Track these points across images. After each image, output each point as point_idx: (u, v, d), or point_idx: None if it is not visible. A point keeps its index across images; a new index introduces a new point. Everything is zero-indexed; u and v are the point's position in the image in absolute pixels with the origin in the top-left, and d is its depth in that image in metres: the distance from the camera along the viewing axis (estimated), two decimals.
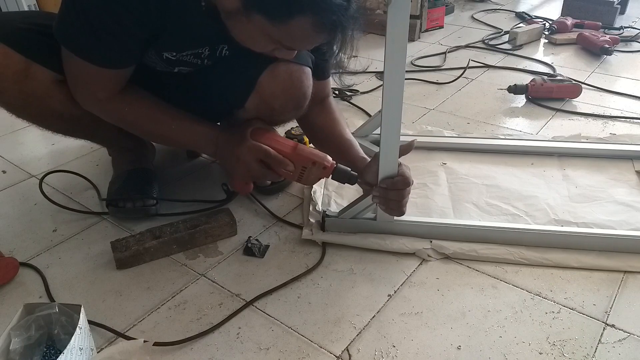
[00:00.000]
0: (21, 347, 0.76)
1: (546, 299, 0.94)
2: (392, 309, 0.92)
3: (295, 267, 1.02)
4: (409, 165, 1.03)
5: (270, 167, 0.97)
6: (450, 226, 1.07)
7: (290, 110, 1.02)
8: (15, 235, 1.13)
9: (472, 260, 1.03)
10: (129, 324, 0.90)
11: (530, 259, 1.01)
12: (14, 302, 0.95)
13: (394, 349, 0.84)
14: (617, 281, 0.97)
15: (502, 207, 1.17)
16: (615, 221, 1.11)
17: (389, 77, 0.89)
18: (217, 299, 0.93)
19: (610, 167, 1.31)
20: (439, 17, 2.43)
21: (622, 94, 1.73)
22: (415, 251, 1.04)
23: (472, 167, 1.32)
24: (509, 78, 1.86)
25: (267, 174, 0.98)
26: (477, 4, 2.82)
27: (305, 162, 0.96)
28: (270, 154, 0.95)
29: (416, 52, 2.14)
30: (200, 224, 1.08)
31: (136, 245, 1.02)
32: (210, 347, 0.86)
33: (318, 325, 0.89)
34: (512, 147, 1.39)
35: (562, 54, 2.11)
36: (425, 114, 1.64)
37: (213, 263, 1.04)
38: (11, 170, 1.38)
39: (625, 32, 2.28)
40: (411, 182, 0.99)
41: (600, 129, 1.52)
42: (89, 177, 1.29)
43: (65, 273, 1.02)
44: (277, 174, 0.98)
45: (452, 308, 0.92)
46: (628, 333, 0.86)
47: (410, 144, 1.02)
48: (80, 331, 0.76)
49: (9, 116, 1.03)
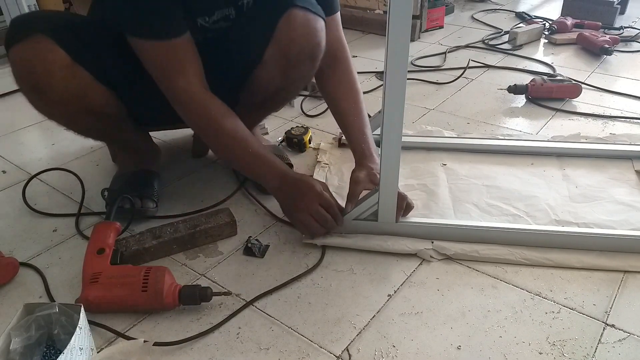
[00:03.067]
0: (21, 347, 0.76)
1: (546, 299, 0.94)
2: (392, 309, 0.92)
3: (295, 267, 1.02)
4: (409, 165, 1.03)
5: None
6: (451, 227, 1.07)
7: (306, 59, 1.06)
8: (15, 235, 1.13)
9: (473, 260, 1.03)
10: (129, 324, 0.90)
11: (532, 259, 1.01)
12: (14, 302, 0.95)
13: (394, 349, 0.84)
14: (617, 281, 0.97)
15: (502, 207, 1.17)
16: (615, 221, 1.11)
17: (390, 77, 0.88)
18: (217, 299, 0.93)
19: (610, 166, 1.31)
20: (439, 17, 2.43)
21: (622, 94, 1.73)
22: (417, 252, 1.04)
23: (472, 168, 1.32)
24: (509, 78, 1.86)
25: (326, 219, 1.02)
26: (477, 4, 2.82)
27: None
28: (331, 202, 1.03)
29: (416, 52, 2.14)
30: (200, 224, 1.08)
31: (136, 245, 1.02)
32: (210, 347, 0.86)
33: (318, 325, 0.89)
34: (512, 147, 1.39)
35: (562, 54, 2.11)
36: (425, 114, 1.64)
37: (213, 263, 1.04)
38: (11, 170, 1.38)
39: (625, 32, 2.28)
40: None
41: (600, 129, 1.52)
42: (89, 177, 1.29)
43: (65, 273, 1.02)
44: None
45: (452, 308, 0.92)
46: (628, 333, 0.86)
47: (408, 204, 1.08)
48: (80, 331, 0.76)
49: (9, 116, 1.03)
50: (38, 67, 0.94)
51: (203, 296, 0.90)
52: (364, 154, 1.12)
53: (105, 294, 0.90)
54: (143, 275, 0.90)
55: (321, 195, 1.02)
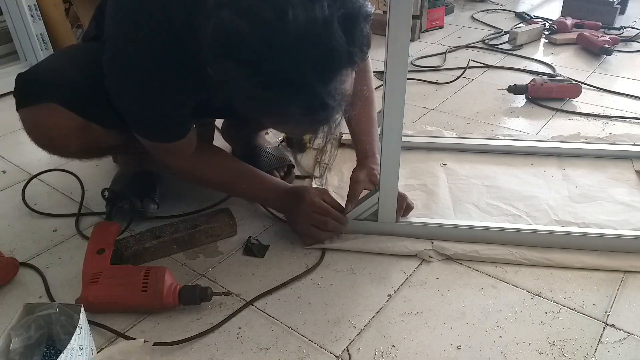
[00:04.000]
0: (21, 347, 0.76)
1: (546, 299, 0.94)
2: (392, 309, 0.92)
3: (295, 267, 1.02)
4: (409, 165, 1.03)
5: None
6: (451, 227, 1.07)
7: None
8: (15, 235, 1.13)
9: (473, 260, 1.03)
10: (129, 323, 0.90)
11: (532, 259, 1.01)
12: (14, 302, 0.95)
13: (394, 348, 0.84)
14: (617, 281, 0.97)
15: (502, 207, 1.17)
16: (615, 221, 1.11)
17: (390, 77, 0.88)
18: (217, 298, 0.93)
19: (610, 166, 1.31)
20: (439, 17, 2.43)
21: (621, 94, 1.73)
22: (417, 253, 1.04)
23: (472, 168, 1.32)
24: (509, 78, 1.86)
25: (326, 222, 1.04)
26: (477, 4, 2.81)
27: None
28: (325, 207, 1.04)
29: (416, 52, 2.14)
30: (200, 224, 1.08)
31: (136, 245, 1.02)
32: (210, 347, 0.86)
33: (318, 325, 0.89)
34: (512, 147, 1.39)
35: (562, 54, 2.11)
36: (425, 114, 1.64)
37: (213, 263, 1.04)
38: (11, 170, 1.38)
39: (625, 32, 2.28)
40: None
41: (600, 129, 1.52)
42: (89, 177, 1.29)
43: (65, 273, 1.02)
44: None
45: (452, 308, 0.92)
46: (628, 333, 0.86)
47: (408, 205, 1.09)
48: (80, 331, 0.76)
49: (9, 116, 1.03)
50: (52, 131, 0.95)
51: (203, 296, 0.90)
52: (366, 153, 1.12)
53: (105, 294, 0.90)
54: (143, 275, 0.90)
55: (314, 203, 1.03)
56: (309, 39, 0.65)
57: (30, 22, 1.84)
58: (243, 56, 0.66)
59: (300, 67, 0.66)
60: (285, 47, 0.65)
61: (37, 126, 0.95)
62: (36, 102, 0.93)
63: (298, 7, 0.64)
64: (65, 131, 0.95)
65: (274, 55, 0.65)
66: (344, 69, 0.71)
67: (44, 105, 0.92)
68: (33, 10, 1.85)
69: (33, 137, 0.97)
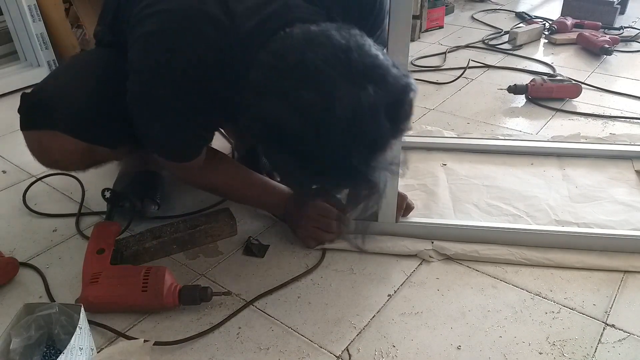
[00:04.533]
0: (21, 347, 0.76)
1: (546, 299, 0.94)
2: (392, 309, 0.92)
3: (295, 267, 1.02)
4: (410, 165, 1.03)
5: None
6: (451, 227, 1.07)
7: None
8: (15, 235, 1.13)
9: (473, 260, 1.03)
10: (129, 323, 0.90)
11: (532, 259, 1.01)
12: (14, 302, 0.95)
13: (394, 348, 0.84)
14: (617, 281, 0.97)
15: (502, 207, 1.17)
16: (615, 221, 1.11)
17: None
18: (217, 298, 0.93)
19: (610, 166, 1.31)
20: (439, 17, 2.42)
21: (621, 94, 1.73)
22: (417, 253, 1.04)
23: (472, 168, 1.32)
24: (509, 78, 1.86)
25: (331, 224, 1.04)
26: (477, 4, 2.81)
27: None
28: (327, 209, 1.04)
29: (416, 52, 2.14)
30: (200, 224, 1.08)
31: (136, 245, 1.02)
32: (210, 347, 0.86)
33: (318, 325, 0.89)
34: (512, 147, 1.39)
35: (562, 54, 2.10)
36: (425, 114, 1.64)
37: (213, 263, 1.04)
38: (11, 170, 1.38)
39: (625, 32, 2.28)
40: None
41: (600, 129, 1.52)
42: (88, 177, 1.28)
43: (65, 273, 1.02)
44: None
45: (452, 308, 0.92)
46: (628, 333, 0.86)
47: (408, 205, 1.09)
48: (80, 331, 0.76)
49: (9, 116, 1.03)
50: (57, 155, 0.97)
51: (203, 296, 0.90)
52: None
53: (105, 294, 0.90)
54: (143, 275, 0.90)
55: (314, 205, 1.03)
56: (355, 129, 0.67)
57: (30, 22, 1.84)
58: (290, 147, 0.70)
59: (347, 157, 0.68)
60: (333, 139, 0.67)
61: (41, 149, 0.97)
62: (40, 128, 0.95)
63: (345, 97, 0.65)
64: (69, 155, 0.97)
65: (321, 146, 0.68)
66: (389, 147, 0.72)
67: (48, 132, 0.94)
68: (33, 10, 1.85)
69: (36, 157, 0.99)
